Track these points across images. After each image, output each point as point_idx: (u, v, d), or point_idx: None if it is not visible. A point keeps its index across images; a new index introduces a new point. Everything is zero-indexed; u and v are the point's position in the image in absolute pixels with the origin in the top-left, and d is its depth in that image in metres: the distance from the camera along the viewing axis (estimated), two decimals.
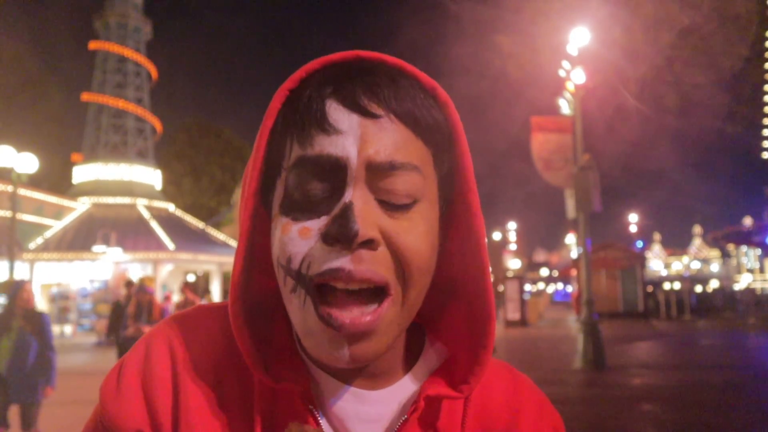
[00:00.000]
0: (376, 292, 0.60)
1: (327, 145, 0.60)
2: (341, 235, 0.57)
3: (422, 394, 0.66)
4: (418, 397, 0.66)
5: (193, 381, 0.66)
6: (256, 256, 0.68)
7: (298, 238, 0.60)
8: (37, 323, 5.55)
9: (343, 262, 0.58)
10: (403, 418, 0.67)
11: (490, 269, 0.69)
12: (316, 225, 0.60)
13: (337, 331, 0.58)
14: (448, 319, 0.74)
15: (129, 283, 11.16)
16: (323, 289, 0.60)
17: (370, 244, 0.58)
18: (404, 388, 0.70)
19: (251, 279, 0.68)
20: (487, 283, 0.68)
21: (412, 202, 0.62)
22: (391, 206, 0.61)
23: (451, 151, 0.68)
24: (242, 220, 0.65)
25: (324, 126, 0.60)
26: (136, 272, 26.22)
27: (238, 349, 0.65)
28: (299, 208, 0.61)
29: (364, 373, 0.67)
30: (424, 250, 0.62)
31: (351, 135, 0.60)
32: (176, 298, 17.94)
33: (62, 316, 24.71)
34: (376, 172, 0.60)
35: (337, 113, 0.61)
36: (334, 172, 0.60)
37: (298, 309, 0.61)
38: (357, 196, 0.59)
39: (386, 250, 0.60)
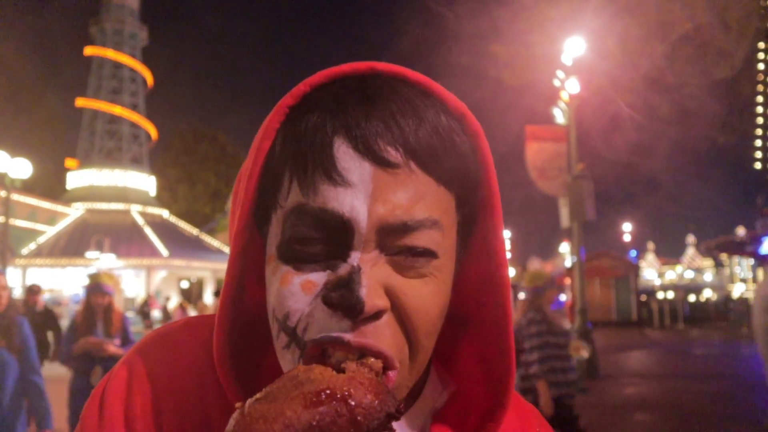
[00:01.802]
0: None
1: (332, 199, 0.52)
2: (345, 307, 0.50)
3: None
4: None
5: (177, 413, 0.61)
6: (248, 265, 0.62)
7: (300, 293, 0.53)
8: (15, 335, 3.84)
9: (343, 331, 0.51)
10: None
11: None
12: (321, 279, 0.52)
13: None
14: (457, 350, 0.68)
15: (32, 289, 8.38)
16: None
17: (376, 316, 0.52)
18: (403, 429, 0.63)
19: (244, 290, 0.62)
20: (510, 343, 0.61)
21: (427, 260, 0.54)
22: (403, 264, 0.54)
23: (478, 189, 0.59)
24: (231, 256, 0.59)
25: (331, 174, 0.52)
26: (129, 278, 26.09)
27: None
28: (301, 258, 0.54)
29: None
30: (433, 313, 0.55)
31: (361, 190, 0.51)
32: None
33: None
34: (389, 233, 0.52)
35: (347, 159, 0.52)
36: (340, 230, 0.52)
37: (291, 366, 0.55)
38: (365, 260, 0.52)
39: (392, 315, 0.53)
